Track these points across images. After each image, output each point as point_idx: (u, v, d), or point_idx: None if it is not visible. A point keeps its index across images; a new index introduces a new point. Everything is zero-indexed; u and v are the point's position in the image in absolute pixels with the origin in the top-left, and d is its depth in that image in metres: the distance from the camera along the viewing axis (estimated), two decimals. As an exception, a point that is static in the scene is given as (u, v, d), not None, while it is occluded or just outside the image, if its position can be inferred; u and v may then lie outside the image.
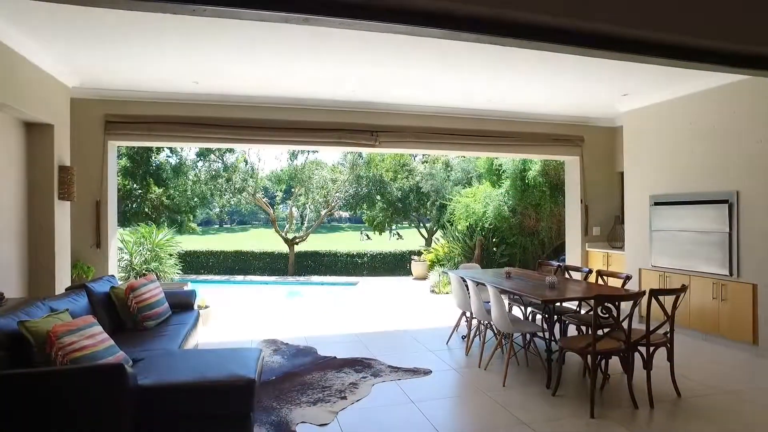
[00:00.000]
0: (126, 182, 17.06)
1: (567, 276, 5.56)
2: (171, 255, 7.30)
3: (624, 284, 4.66)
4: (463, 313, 5.70)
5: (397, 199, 17.75)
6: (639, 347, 3.79)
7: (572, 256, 8.14)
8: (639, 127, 6.75)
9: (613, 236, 7.85)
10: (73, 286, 4.05)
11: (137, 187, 16.90)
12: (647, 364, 3.71)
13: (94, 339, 2.86)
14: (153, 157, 16.37)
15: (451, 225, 13.04)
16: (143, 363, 3.15)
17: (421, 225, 21.08)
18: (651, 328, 3.69)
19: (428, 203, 19.24)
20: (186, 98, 6.07)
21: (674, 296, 3.76)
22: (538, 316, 5.45)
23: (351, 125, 6.65)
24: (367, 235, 20.30)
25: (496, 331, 5.18)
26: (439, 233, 19.34)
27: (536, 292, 4.34)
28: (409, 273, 15.00)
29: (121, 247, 6.79)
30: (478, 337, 5.42)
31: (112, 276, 4.74)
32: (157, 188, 16.90)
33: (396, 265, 16.04)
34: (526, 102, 6.79)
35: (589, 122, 7.94)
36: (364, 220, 23.56)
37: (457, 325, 5.75)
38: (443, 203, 17.29)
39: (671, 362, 3.89)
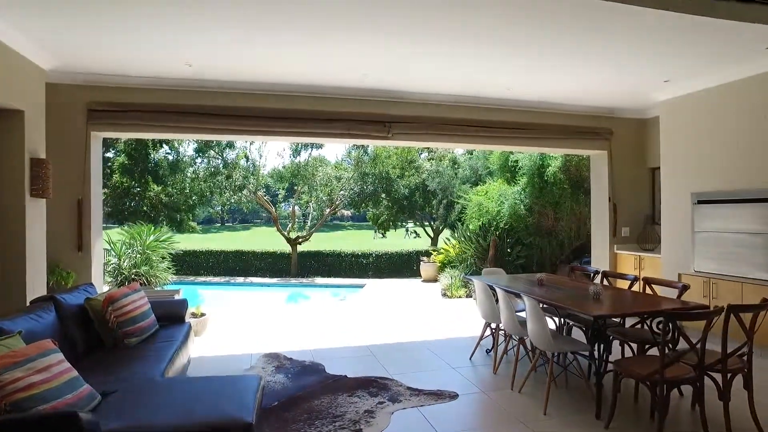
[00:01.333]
0: (124, 180, 16.52)
1: (606, 283, 4.93)
2: (163, 257, 6.69)
3: (680, 295, 4.03)
4: (488, 325, 5.09)
5: (403, 197, 17.12)
6: (710, 373, 3.17)
7: (599, 258, 7.51)
8: (679, 118, 6.12)
9: (644, 238, 7.22)
10: (38, 300, 3.44)
11: (135, 184, 16.35)
12: (724, 394, 3.09)
13: (49, 372, 2.25)
14: (152, 154, 15.80)
15: (462, 224, 12.42)
16: (114, 399, 2.54)
17: (427, 224, 20.47)
18: (728, 351, 3.07)
19: (434, 201, 18.62)
20: (179, 84, 5.46)
21: (755, 312, 3.14)
22: (575, 329, 4.84)
23: (361, 115, 6.03)
24: (382, 233, 19.61)
25: (530, 348, 4.58)
26: (446, 232, 18.73)
27: (581, 304, 3.72)
28: (416, 274, 14.38)
29: (109, 249, 6.20)
30: (506, 352, 4.81)
31: (90, 285, 4.14)
32: (155, 186, 16.33)
33: (403, 265, 15.42)
34: (552, 91, 6.17)
35: (618, 114, 7.30)
36: (368, 219, 22.96)
37: (482, 337, 5.13)
38: (453, 201, 16.67)
39: (749, 391, 3.27)
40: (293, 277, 14.62)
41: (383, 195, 15.93)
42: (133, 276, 5.95)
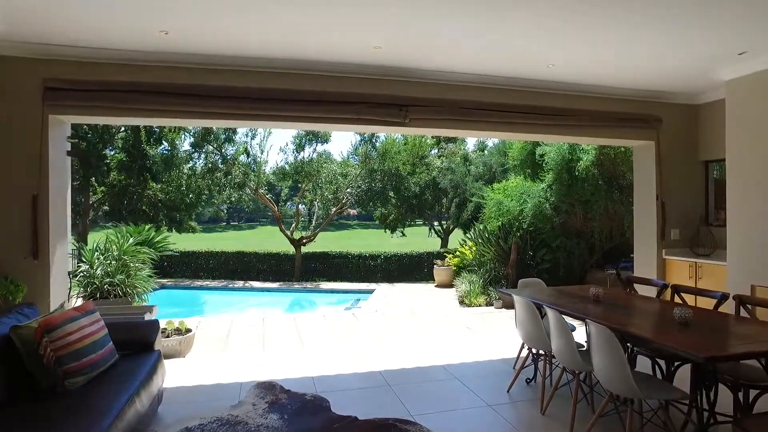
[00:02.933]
0: (122, 177, 15.74)
1: (680, 300, 3.98)
2: (144, 263, 5.80)
3: (797, 321, 3.09)
4: (529, 349, 4.16)
5: (413, 196, 16.19)
6: None
7: (643, 264, 6.54)
8: (753, 99, 5.12)
9: (697, 241, 6.25)
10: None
11: (133, 182, 15.55)
12: None
13: None
14: (151, 150, 14.95)
15: (479, 223, 11.47)
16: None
17: (437, 223, 19.52)
18: None
19: (445, 200, 17.66)
20: (157, 58, 4.56)
21: None
22: (640, 357, 3.89)
23: (373, 97, 5.10)
24: (402, 232, 18.79)
25: (586, 382, 3.64)
26: (458, 233, 17.77)
27: (674, 337, 2.78)
28: (427, 277, 13.50)
29: (79, 254, 5.33)
30: (557, 388, 3.86)
31: (30, 305, 3.26)
32: (154, 184, 15.52)
33: (413, 268, 14.51)
34: (596, 68, 5.22)
35: (667, 98, 6.33)
36: (374, 218, 22.03)
37: (522, 365, 4.20)
38: (467, 198, 15.74)
39: None
40: (297, 280, 13.75)
41: (391, 193, 14.99)
42: (106, 287, 5.08)
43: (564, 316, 3.39)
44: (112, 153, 16.03)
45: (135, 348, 3.44)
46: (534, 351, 4.19)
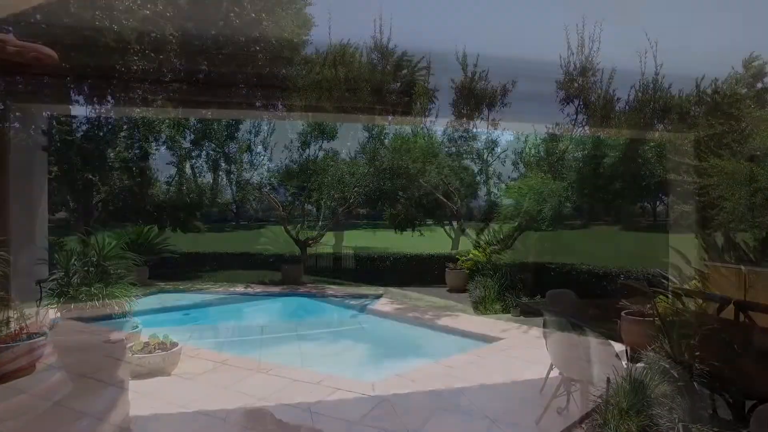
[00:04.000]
0: (124, 177, 15.33)
1: (745, 320, 3.35)
2: (129, 270, 5.24)
3: None
4: (561, 374, 3.55)
5: (423, 195, 15.57)
6: None
7: (681, 273, 5.87)
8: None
9: (743, 246, 5.57)
10: None
11: (136, 182, 15.13)
12: None
13: None
14: (151, 149, 14.50)
15: (491, 224, 10.83)
16: None
17: (447, 224, 18.85)
18: None
19: (456, 199, 17.02)
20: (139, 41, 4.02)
21: None
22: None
23: (380, 86, 4.53)
24: (420, 232, 18.23)
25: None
26: (471, 233, 17.09)
27: None
28: (438, 280, 12.82)
29: (52, 259, 4.80)
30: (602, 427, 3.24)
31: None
32: (157, 183, 15.09)
33: (423, 270, 13.85)
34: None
35: (709, 87, 5.66)
36: (384, 218, 21.42)
37: (555, 393, 3.58)
38: (480, 198, 15.10)
39: None
40: (301, 283, 13.18)
41: (400, 192, 14.37)
42: (82, 296, 4.55)
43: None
44: (115, 152, 15.66)
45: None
46: (566, 375, 3.58)
